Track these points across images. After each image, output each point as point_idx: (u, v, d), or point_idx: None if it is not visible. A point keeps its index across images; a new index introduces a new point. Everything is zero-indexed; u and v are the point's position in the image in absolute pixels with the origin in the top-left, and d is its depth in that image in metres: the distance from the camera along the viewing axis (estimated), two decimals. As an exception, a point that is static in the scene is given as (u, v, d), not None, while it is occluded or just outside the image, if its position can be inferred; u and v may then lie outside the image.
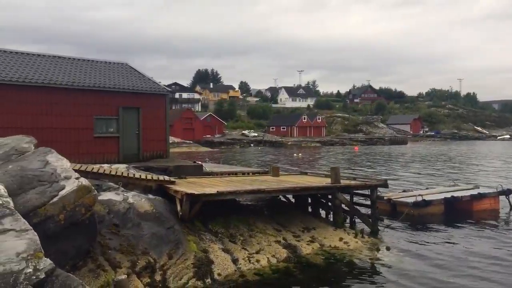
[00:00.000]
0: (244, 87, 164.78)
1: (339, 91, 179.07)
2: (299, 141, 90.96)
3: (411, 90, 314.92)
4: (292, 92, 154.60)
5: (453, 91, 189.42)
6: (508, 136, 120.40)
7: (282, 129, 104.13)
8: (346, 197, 13.93)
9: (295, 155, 56.68)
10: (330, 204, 14.05)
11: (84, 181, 7.94)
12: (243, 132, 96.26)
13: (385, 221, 14.97)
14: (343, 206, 13.61)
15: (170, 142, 22.75)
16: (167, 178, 12.69)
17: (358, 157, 53.35)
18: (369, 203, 14.02)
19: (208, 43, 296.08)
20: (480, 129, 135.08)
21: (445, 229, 14.59)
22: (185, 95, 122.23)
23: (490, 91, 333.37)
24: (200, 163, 20.87)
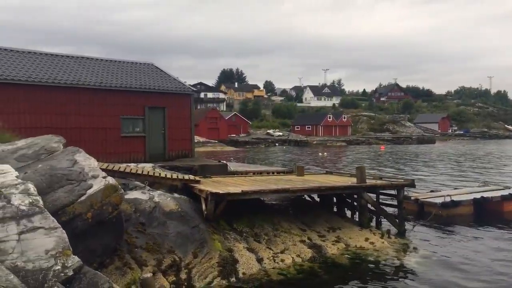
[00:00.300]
0: (269, 86, 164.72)
1: (365, 90, 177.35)
2: (324, 140, 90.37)
3: (439, 88, 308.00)
4: (317, 91, 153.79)
5: (483, 89, 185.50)
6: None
7: (307, 128, 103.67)
8: (372, 196, 13.76)
9: (320, 154, 56.34)
10: (355, 204, 13.92)
11: (111, 180, 8.05)
12: (268, 131, 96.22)
13: (412, 221, 14.76)
14: (369, 206, 13.46)
15: (195, 141, 22.91)
16: (192, 177, 12.77)
17: (384, 156, 52.68)
18: (396, 203, 13.83)
19: (233, 42, 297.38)
20: (510, 127, 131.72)
21: (474, 230, 14.26)
22: (210, 95, 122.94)
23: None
24: (225, 162, 20.95)
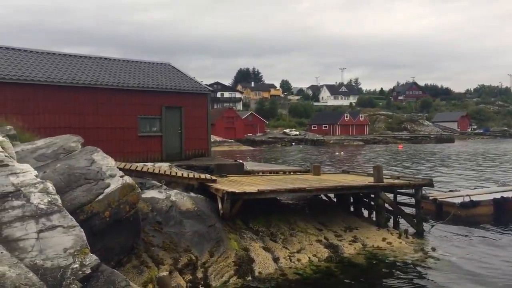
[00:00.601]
0: (285, 85, 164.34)
1: (382, 89, 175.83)
2: (341, 140, 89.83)
3: (458, 86, 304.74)
4: (334, 90, 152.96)
5: (503, 87, 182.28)
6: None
7: (324, 128, 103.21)
8: (389, 196, 13.64)
9: (337, 153, 56.05)
10: (372, 203, 13.81)
11: (128, 179, 8.11)
12: (285, 130, 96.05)
13: (430, 221, 14.59)
14: (386, 205, 13.34)
15: (211, 141, 22.98)
16: (208, 176, 12.81)
17: (402, 155, 52.16)
18: (414, 203, 13.68)
19: (250, 42, 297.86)
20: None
21: (493, 231, 14.03)
22: (226, 94, 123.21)
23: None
24: (241, 161, 20.97)
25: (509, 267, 10.42)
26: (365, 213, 14.42)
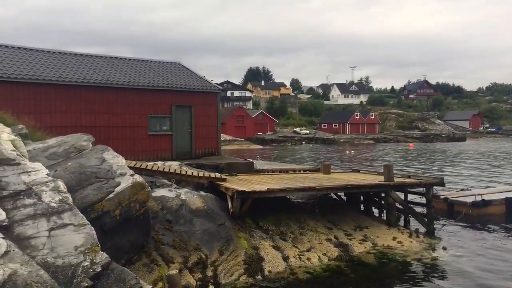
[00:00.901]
0: (295, 84, 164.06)
1: (393, 87, 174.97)
2: (352, 138, 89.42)
3: (470, 85, 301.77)
4: (344, 88, 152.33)
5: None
6: None
7: (334, 126, 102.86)
8: (400, 195, 13.56)
9: (347, 152, 55.84)
10: (383, 202, 13.74)
11: (138, 178, 8.15)
12: (295, 129, 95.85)
13: (441, 221, 14.49)
14: (397, 204, 13.27)
15: (221, 139, 23.02)
16: (218, 175, 12.83)
17: (412, 154, 51.83)
18: (425, 202, 13.59)
19: (261, 41, 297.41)
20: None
21: (505, 230, 13.88)
22: (236, 93, 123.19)
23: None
24: (251, 160, 20.98)
25: (521, 267, 10.32)
26: (375, 212, 14.36)
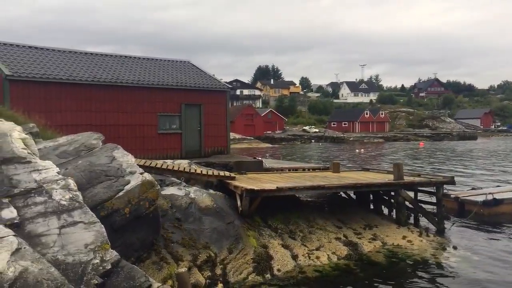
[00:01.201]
0: (305, 82, 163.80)
1: (403, 85, 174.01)
2: (361, 137, 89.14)
3: (482, 83, 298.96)
4: (354, 87, 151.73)
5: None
6: None
7: (343, 125, 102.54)
8: (410, 194, 13.48)
9: (357, 151, 55.63)
10: (392, 201, 13.67)
11: (148, 176, 8.18)
12: (304, 128, 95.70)
13: (452, 220, 14.38)
14: (407, 203, 13.19)
15: (231, 138, 23.05)
16: (227, 173, 12.85)
17: (423, 153, 51.51)
18: (435, 201, 13.50)
19: (271, 39, 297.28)
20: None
21: (518, 229, 13.76)
22: (246, 92, 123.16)
23: None
24: (260, 159, 20.99)
25: (533, 267, 10.21)
26: (385, 211, 14.29)
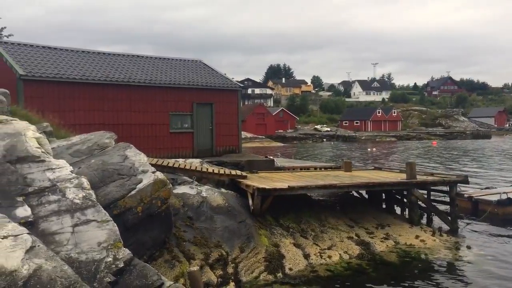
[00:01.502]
0: (316, 81, 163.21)
1: (416, 84, 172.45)
2: (373, 136, 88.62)
3: (496, 81, 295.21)
4: (366, 85, 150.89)
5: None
6: None
7: (355, 124, 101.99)
8: (422, 193, 13.38)
9: (369, 150, 55.33)
10: (405, 200, 13.58)
11: (160, 175, 8.22)
12: (316, 126, 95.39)
13: (465, 219, 14.25)
14: (420, 203, 13.09)
15: (242, 137, 23.06)
16: (239, 172, 12.86)
17: (436, 152, 51.06)
18: (448, 200, 13.38)
19: (282, 38, 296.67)
20: None
21: (533, 229, 13.58)
22: (257, 91, 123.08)
23: None
24: (271, 158, 20.97)
25: (548, 267, 10.07)
26: (398, 210, 14.19)
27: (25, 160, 6.55)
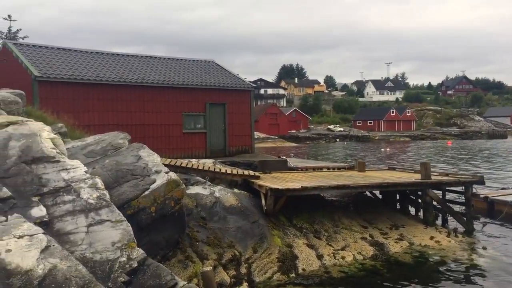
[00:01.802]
0: (329, 81, 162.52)
1: (430, 83, 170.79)
2: (387, 136, 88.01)
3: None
4: (379, 85, 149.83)
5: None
6: None
7: (369, 124, 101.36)
8: (437, 194, 13.24)
9: (382, 150, 54.97)
10: (419, 201, 13.45)
11: (173, 175, 8.24)
12: (329, 127, 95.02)
13: (481, 220, 14.06)
14: (434, 203, 12.96)
15: (255, 137, 23.06)
16: (252, 172, 12.85)
17: (451, 152, 50.54)
18: (463, 201, 13.22)
19: (295, 38, 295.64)
20: None
21: (550, 230, 13.36)
22: (270, 91, 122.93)
23: None
24: (284, 158, 20.94)
25: None
26: (412, 210, 14.07)
27: (40, 160, 6.62)
